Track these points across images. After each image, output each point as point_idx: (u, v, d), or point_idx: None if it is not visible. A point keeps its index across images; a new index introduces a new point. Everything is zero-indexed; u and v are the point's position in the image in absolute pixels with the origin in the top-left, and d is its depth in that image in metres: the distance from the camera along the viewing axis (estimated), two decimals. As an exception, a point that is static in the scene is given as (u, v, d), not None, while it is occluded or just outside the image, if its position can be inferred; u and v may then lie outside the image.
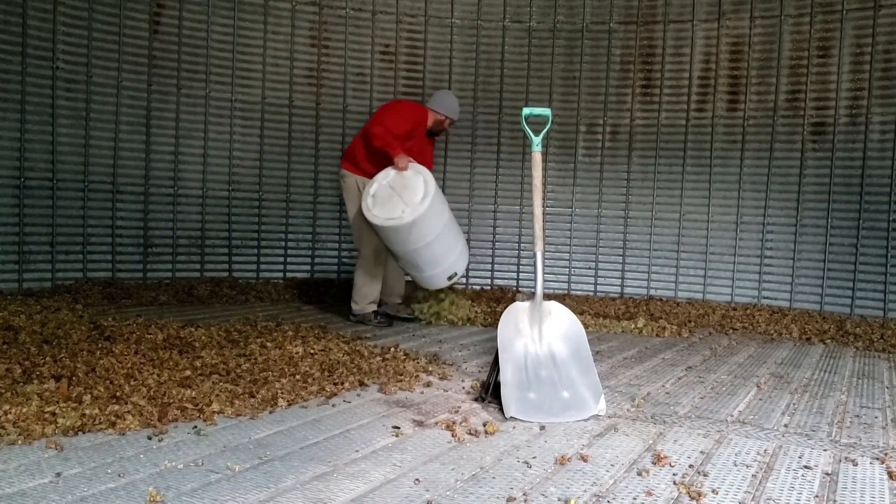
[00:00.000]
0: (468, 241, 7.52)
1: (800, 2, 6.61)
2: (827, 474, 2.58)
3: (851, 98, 6.41)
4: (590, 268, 7.46)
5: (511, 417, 3.09)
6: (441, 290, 5.78)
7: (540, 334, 3.40)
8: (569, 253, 7.49)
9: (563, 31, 7.42)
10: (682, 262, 7.14)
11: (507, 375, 3.23)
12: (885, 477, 2.56)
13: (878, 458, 2.76)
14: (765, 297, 6.76)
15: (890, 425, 3.28)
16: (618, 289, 7.33)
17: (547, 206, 7.52)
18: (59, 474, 2.30)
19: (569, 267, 7.49)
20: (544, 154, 7.48)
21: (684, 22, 7.09)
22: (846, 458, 2.75)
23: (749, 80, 6.83)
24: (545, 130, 3.72)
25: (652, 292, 7.24)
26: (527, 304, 3.46)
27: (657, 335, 5.46)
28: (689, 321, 6.02)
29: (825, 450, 2.86)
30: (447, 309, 5.74)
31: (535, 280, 3.50)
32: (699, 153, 7.05)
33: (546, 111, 3.74)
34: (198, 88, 6.92)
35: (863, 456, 2.78)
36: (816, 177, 6.57)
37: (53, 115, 6.20)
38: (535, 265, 3.53)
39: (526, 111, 3.70)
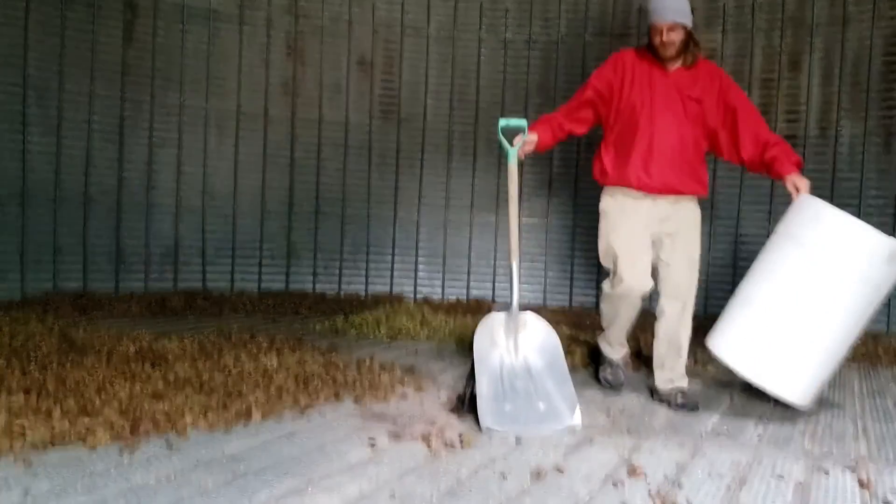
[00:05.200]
0: (444, 253, 7.54)
1: (771, 16, 6.71)
2: (800, 484, 2.61)
3: (821, 111, 6.52)
4: (565, 279, 7.49)
5: (487, 429, 3.09)
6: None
7: (516, 345, 3.41)
8: (544, 264, 7.51)
9: (538, 43, 7.46)
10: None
11: (482, 387, 3.23)
12: (856, 486, 2.59)
13: (849, 468, 2.79)
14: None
15: (861, 435, 3.32)
16: (592, 300, 7.36)
17: (522, 218, 7.54)
18: (27, 490, 2.26)
19: (544, 278, 7.51)
20: (519, 164, 7.51)
21: (658, 35, 7.15)
22: (818, 468, 2.78)
23: (722, 93, 6.90)
24: (521, 143, 3.72)
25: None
26: (502, 314, 3.47)
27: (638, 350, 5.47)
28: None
29: (798, 460, 2.89)
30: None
31: (510, 291, 3.51)
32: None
33: (522, 122, 3.73)
34: (172, 97, 6.86)
35: (834, 465, 2.81)
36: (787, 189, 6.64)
37: (24, 123, 6.12)
38: (510, 276, 3.55)
39: (502, 122, 3.68)
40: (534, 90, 7.48)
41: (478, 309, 6.61)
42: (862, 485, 2.59)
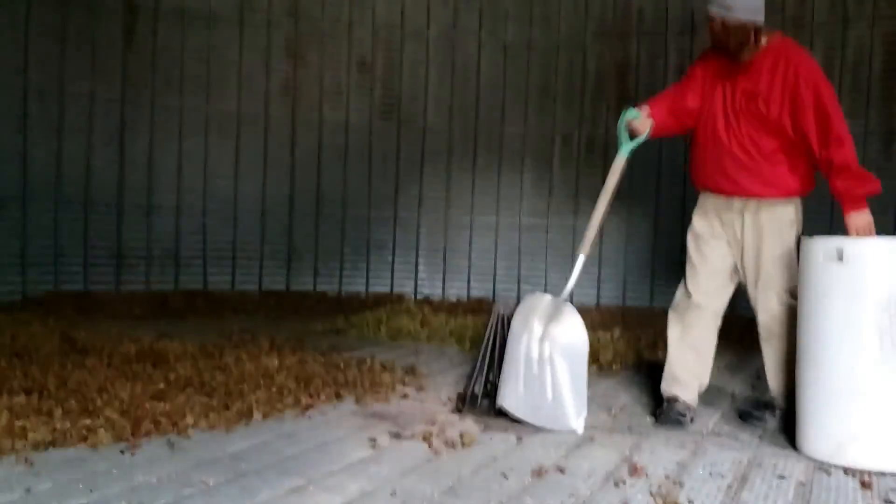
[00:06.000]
0: (444, 253, 7.55)
1: (770, 17, 6.63)
2: (801, 484, 2.61)
3: (822, 111, 6.51)
4: (565, 279, 7.46)
5: (499, 408, 3.20)
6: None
7: (546, 334, 3.31)
8: (545, 264, 7.51)
9: (538, 45, 7.46)
10: (657, 272, 7.19)
11: (507, 366, 3.29)
12: (858, 486, 2.59)
13: (851, 468, 2.78)
14: (743, 307, 6.79)
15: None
16: (593, 299, 7.36)
17: (523, 218, 7.56)
18: (29, 490, 2.26)
19: (545, 278, 7.51)
20: (520, 166, 7.53)
21: (658, 35, 7.17)
22: (820, 469, 2.78)
23: (722, 94, 6.90)
24: (639, 140, 3.47)
25: (628, 302, 7.28)
26: (549, 297, 3.42)
27: (633, 346, 5.47)
28: (665, 331, 6.05)
29: (799, 460, 2.88)
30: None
31: (568, 280, 3.46)
32: (674, 166, 7.11)
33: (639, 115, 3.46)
34: (172, 99, 6.87)
35: (836, 466, 2.80)
36: (788, 189, 6.65)
37: (25, 125, 6.12)
38: (575, 266, 3.48)
39: (628, 115, 3.44)
40: (534, 92, 7.49)
41: (478, 309, 6.61)
42: (864, 485, 2.59)
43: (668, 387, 3.57)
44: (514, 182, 7.56)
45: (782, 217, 3.40)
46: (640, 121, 3.45)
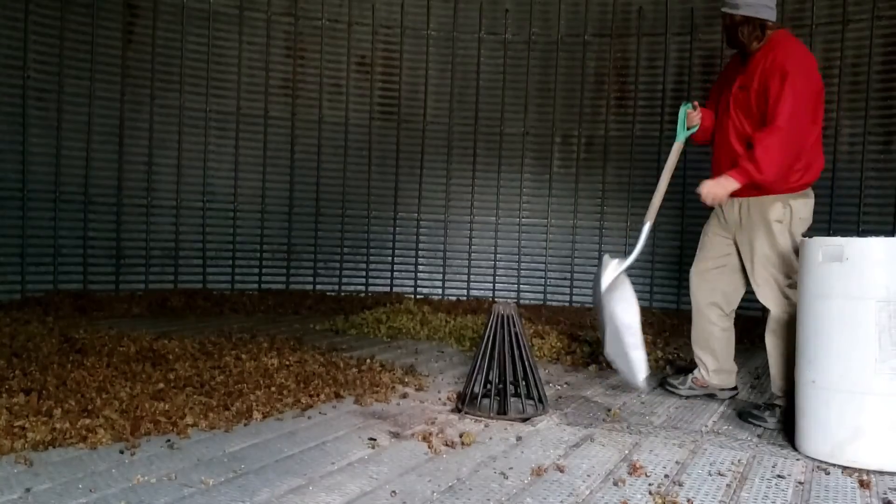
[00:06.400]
0: (444, 252, 7.56)
1: (770, 16, 6.70)
2: (800, 483, 2.61)
3: (821, 110, 6.51)
4: (565, 278, 7.49)
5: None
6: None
7: (611, 295, 3.47)
8: (544, 263, 7.51)
9: (538, 43, 7.47)
10: (656, 272, 7.19)
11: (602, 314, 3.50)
12: (857, 485, 2.59)
13: (849, 467, 2.79)
14: (740, 307, 6.80)
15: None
16: (592, 298, 7.36)
17: (522, 217, 7.56)
18: (28, 490, 2.26)
19: (544, 277, 7.52)
20: (520, 165, 7.53)
21: (658, 35, 7.17)
22: (818, 468, 2.78)
23: (721, 93, 6.91)
24: (694, 129, 3.73)
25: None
26: (616, 262, 3.52)
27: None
28: (665, 331, 6.06)
29: (798, 459, 2.89)
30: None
31: (635, 247, 3.57)
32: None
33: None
34: (172, 98, 6.87)
35: (835, 465, 2.80)
36: (788, 188, 6.65)
37: (24, 124, 6.12)
38: (641, 233, 3.58)
39: (687, 107, 3.72)
40: (533, 90, 7.49)
41: (478, 308, 6.61)
42: (863, 484, 2.59)
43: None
44: (513, 181, 7.57)
45: (769, 215, 3.46)
46: (695, 113, 3.71)
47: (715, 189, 3.46)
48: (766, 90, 3.35)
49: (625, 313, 3.42)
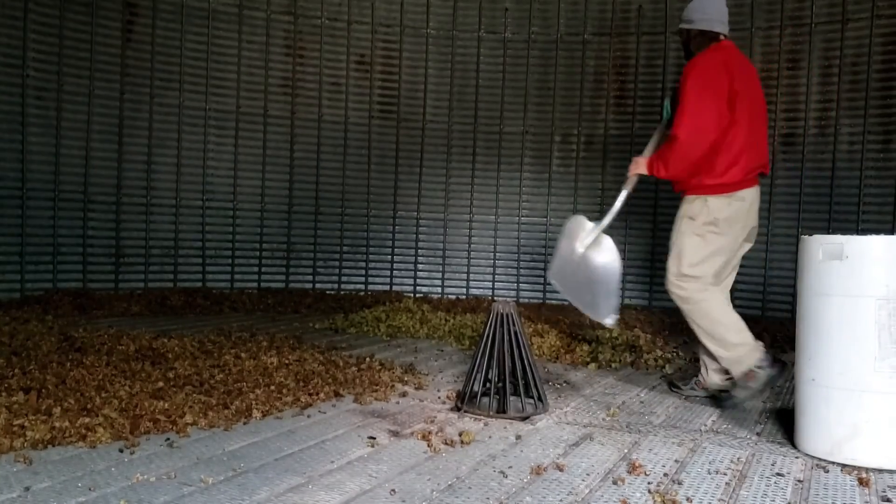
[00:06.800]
0: (443, 251, 7.56)
1: (770, 15, 6.71)
2: (799, 481, 2.61)
3: (821, 109, 6.52)
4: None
5: (549, 282, 3.92)
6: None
7: (588, 251, 3.89)
8: (544, 262, 7.51)
9: (537, 42, 7.47)
10: (656, 271, 7.19)
11: (560, 254, 3.95)
12: (856, 483, 2.59)
13: (848, 465, 2.79)
14: (737, 306, 6.79)
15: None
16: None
17: (522, 216, 7.56)
18: (27, 488, 2.26)
19: (544, 276, 7.51)
20: (519, 164, 7.53)
21: (657, 34, 7.17)
22: (817, 466, 2.78)
23: (721, 92, 6.91)
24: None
25: (626, 301, 7.28)
26: (591, 224, 3.91)
27: (632, 344, 5.48)
28: (664, 329, 6.06)
29: (797, 457, 2.89)
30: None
31: (611, 210, 3.87)
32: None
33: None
34: (171, 97, 6.87)
35: (834, 463, 2.81)
36: (787, 186, 6.65)
37: (23, 123, 6.12)
38: (616, 201, 3.91)
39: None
40: (533, 89, 7.48)
41: (477, 307, 6.61)
42: (862, 482, 2.59)
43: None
44: (512, 180, 7.57)
45: (685, 210, 3.78)
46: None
47: (637, 166, 3.91)
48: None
49: (614, 263, 3.86)
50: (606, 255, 3.89)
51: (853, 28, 6.36)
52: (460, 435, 2.94)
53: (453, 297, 7.48)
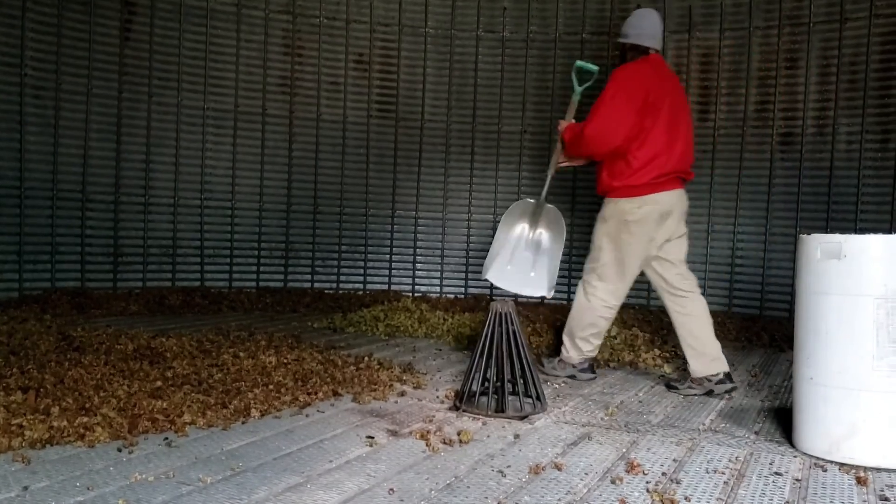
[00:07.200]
0: (442, 250, 7.56)
1: (768, 14, 6.71)
2: (797, 480, 2.62)
3: (819, 108, 6.52)
4: (563, 276, 7.48)
5: (486, 280, 4.40)
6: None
7: (536, 224, 4.40)
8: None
9: (536, 42, 7.46)
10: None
11: (497, 245, 4.38)
12: (854, 482, 2.60)
13: (847, 464, 2.79)
14: (736, 306, 6.83)
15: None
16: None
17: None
18: (26, 488, 2.26)
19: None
20: (518, 163, 7.53)
21: (656, 33, 7.15)
22: (816, 465, 2.79)
23: (719, 91, 6.92)
24: (589, 83, 4.51)
25: (625, 301, 7.26)
26: (532, 201, 4.40)
27: (630, 343, 5.48)
28: (662, 329, 6.07)
29: (795, 456, 2.89)
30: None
31: (544, 187, 4.35)
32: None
33: (594, 68, 4.56)
34: (169, 96, 6.86)
35: (832, 462, 2.81)
36: (785, 186, 6.66)
37: (21, 122, 6.11)
38: (546, 178, 4.35)
39: (579, 63, 4.57)
40: (531, 88, 7.48)
41: (476, 306, 6.62)
42: (860, 481, 2.60)
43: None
44: (511, 179, 7.57)
45: (601, 211, 4.11)
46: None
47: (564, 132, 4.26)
48: None
49: (562, 232, 4.35)
50: (555, 226, 4.37)
51: (851, 27, 6.36)
52: (459, 434, 2.95)
53: (452, 296, 7.48)
